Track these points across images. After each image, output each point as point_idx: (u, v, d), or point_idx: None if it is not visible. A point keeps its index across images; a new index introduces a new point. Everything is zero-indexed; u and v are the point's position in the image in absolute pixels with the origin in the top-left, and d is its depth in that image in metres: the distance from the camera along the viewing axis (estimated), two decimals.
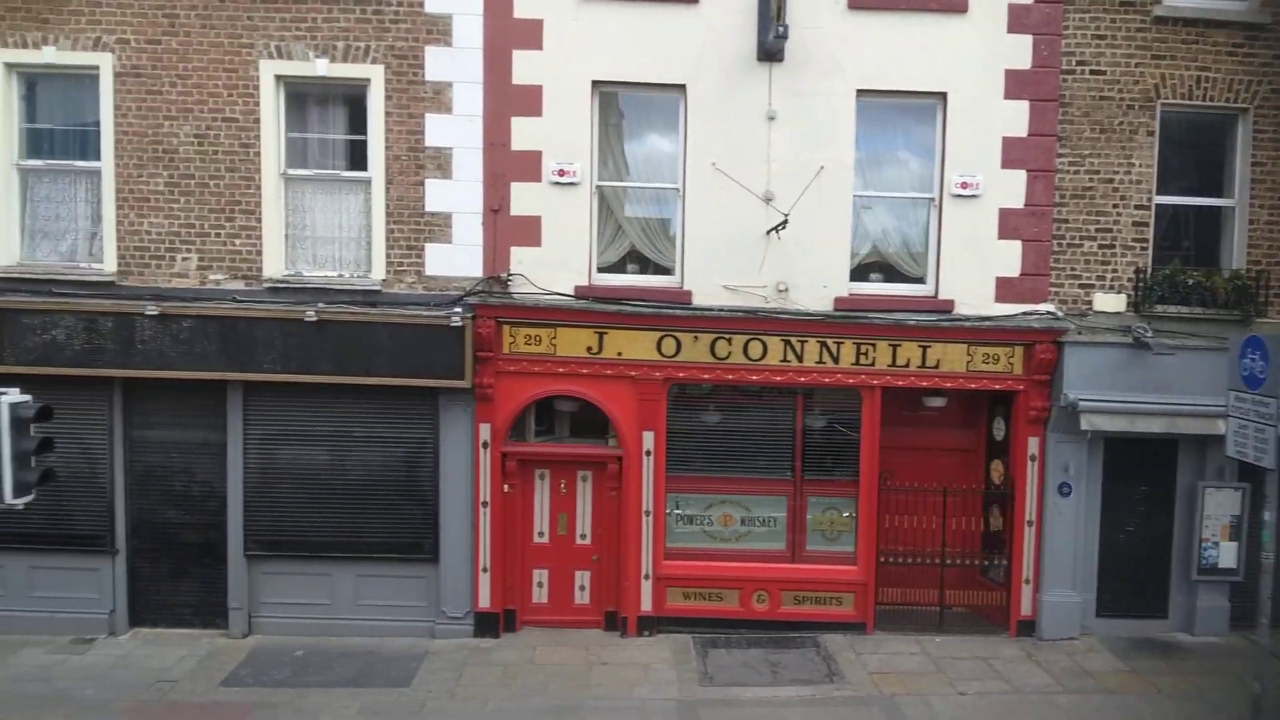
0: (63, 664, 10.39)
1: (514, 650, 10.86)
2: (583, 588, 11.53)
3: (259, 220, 10.80)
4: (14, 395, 7.21)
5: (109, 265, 10.76)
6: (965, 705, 9.63)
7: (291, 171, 10.88)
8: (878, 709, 9.48)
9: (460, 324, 10.53)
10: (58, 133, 10.93)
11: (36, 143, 10.89)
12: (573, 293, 10.89)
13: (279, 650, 10.77)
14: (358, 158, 11.00)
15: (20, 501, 7.26)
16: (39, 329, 10.45)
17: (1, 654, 10.48)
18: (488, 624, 11.14)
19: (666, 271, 11.26)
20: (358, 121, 11.00)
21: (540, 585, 11.52)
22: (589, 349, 10.94)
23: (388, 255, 10.87)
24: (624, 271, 11.25)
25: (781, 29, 10.04)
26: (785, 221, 10.26)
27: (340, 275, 10.96)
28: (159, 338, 10.50)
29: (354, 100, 10.97)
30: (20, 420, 7.20)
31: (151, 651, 10.73)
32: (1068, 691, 9.99)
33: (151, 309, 10.39)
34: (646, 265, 11.32)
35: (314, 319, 10.44)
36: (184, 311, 10.50)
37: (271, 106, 10.69)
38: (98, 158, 10.79)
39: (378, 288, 10.84)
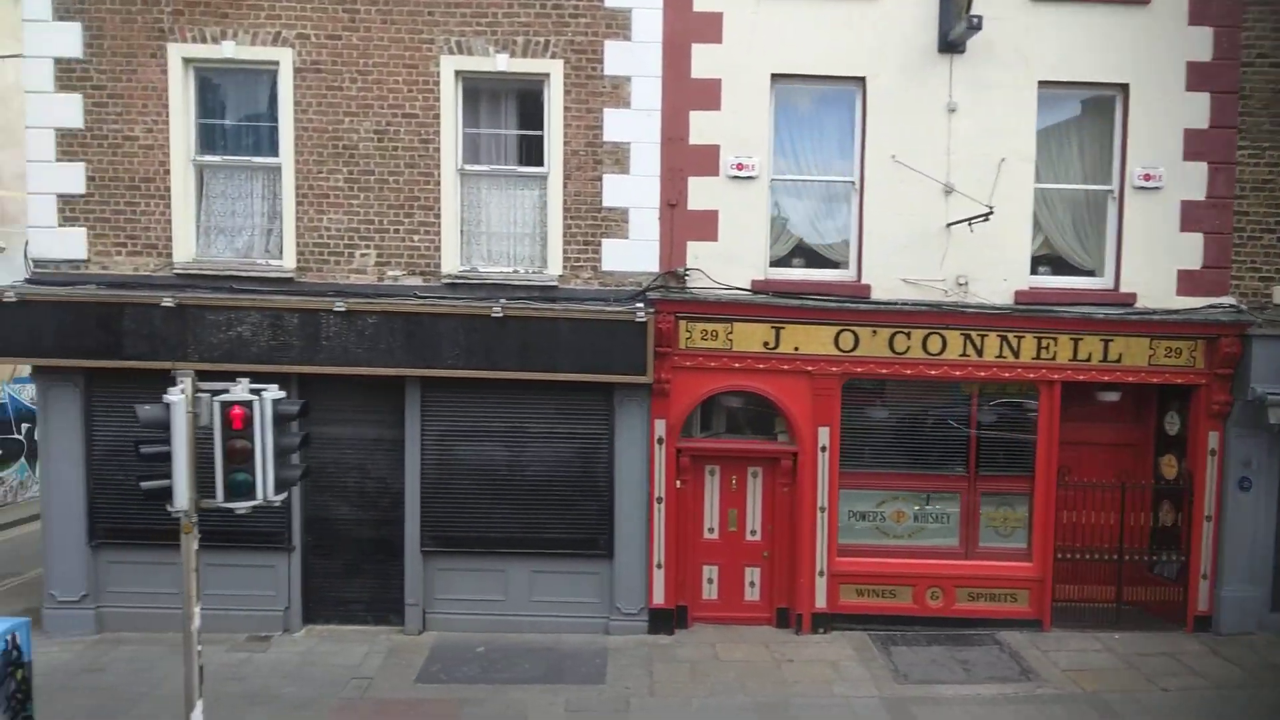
0: (248, 662, 10.40)
1: (693, 647, 10.81)
2: (752, 584, 11.48)
3: (437, 216, 10.76)
4: (274, 392, 7.17)
5: (288, 261, 10.75)
6: (1171, 702, 9.54)
7: (468, 167, 10.84)
8: (1087, 706, 9.40)
9: (645, 319, 10.46)
10: (232, 128, 10.92)
11: (210, 138, 10.88)
12: (749, 287, 10.82)
13: (459, 647, 10.75)
14: (531, 153, 10.96)
15: (279, 498, 7.22)
16: (224, 325, 10.44)
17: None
18: (662, 620, 11.10)
19: (834, 265, 11.19)
20: (530, 117, 10.96)
21: (710, 581, 11.47)
22: (765, 344, 10.88)
23: (564, 251, 10.83)
24: (790, 266, 11.19)
25: (975, 19, 9.93)
26: (989, 213, 10.15)
27: (515, 271, 10.92)
28: (344, 334, 10.47)
29: (527, 95, 10.93)
30: (281, 416, 7.17)
31: (333, 648, 10.72)
32: (1262, 685, 9.90)
33: (340, 305, 10.36)
34: (812, 259, 11.25)
35: (500, 314, 10.40)
36: (369, 308, 10.47)
37: (451, 102, 10.65)
38: (275, 154, 10.77)
39: (554, 283, 10.80)
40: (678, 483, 11.06)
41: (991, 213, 10.21)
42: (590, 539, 11.14)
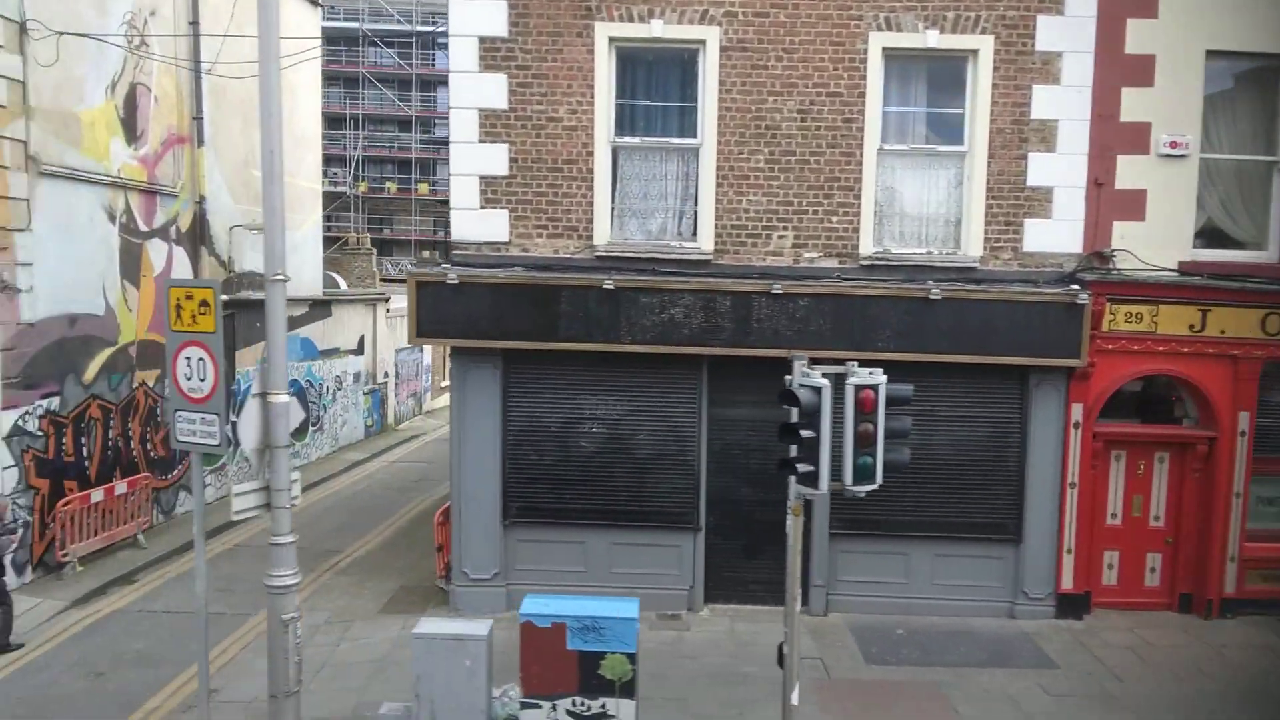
0: (680, 640, 10.47)
1: (1113, 632, 10.74)
2: (1153, 569, 11.36)
3: (857, 197, 10.64)
4: (880, 376, 7.11)
5: (705, 243, 10.68)
6: None
7: (887, 146, 10.68)
8: None
9: (1084, 302, 10.29)
10: (649, 108, 10.82)
11: (625, 119, 10.80)
12: (1176, 268, 10.60)
13: (877, 629, 10.76)
14: (945, 130, 10.77)
15: (873, 486, 7.17)
16: (657, 308, 10.41)
17: None
18: (1069, 605, 11.02)
19: (1241, 246, 10.94)
20: (944, 94, 10.76)
21: (1110, 567, 11.37)
22: (1191, 326, 10.67)
23: (985, 231, 10.66)
24: (1206, 247, 10.92)
25: None
26: None
27: (930, 252, 10.78)
28: (775, 316, 10.41)
29: (944, 72, 10.71)
30: (893, 400, 7.11)
31: (749, 628, 10.78)
32: None
33: (777, 288, 10.29)
34: (1219, 241, 10.99)
35: (939, 296, 10.28)
36: (802, 290, 10.38)
37: (877, 80, 10.48)
38: (693, 134, 10.68)
39: (974, 265, 10.65)
40: (1091, 467, 10.93)
41: None
42: (998, 523, 11.06)
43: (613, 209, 10.83)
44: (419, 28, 49.17)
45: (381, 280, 33.00)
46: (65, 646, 10.64)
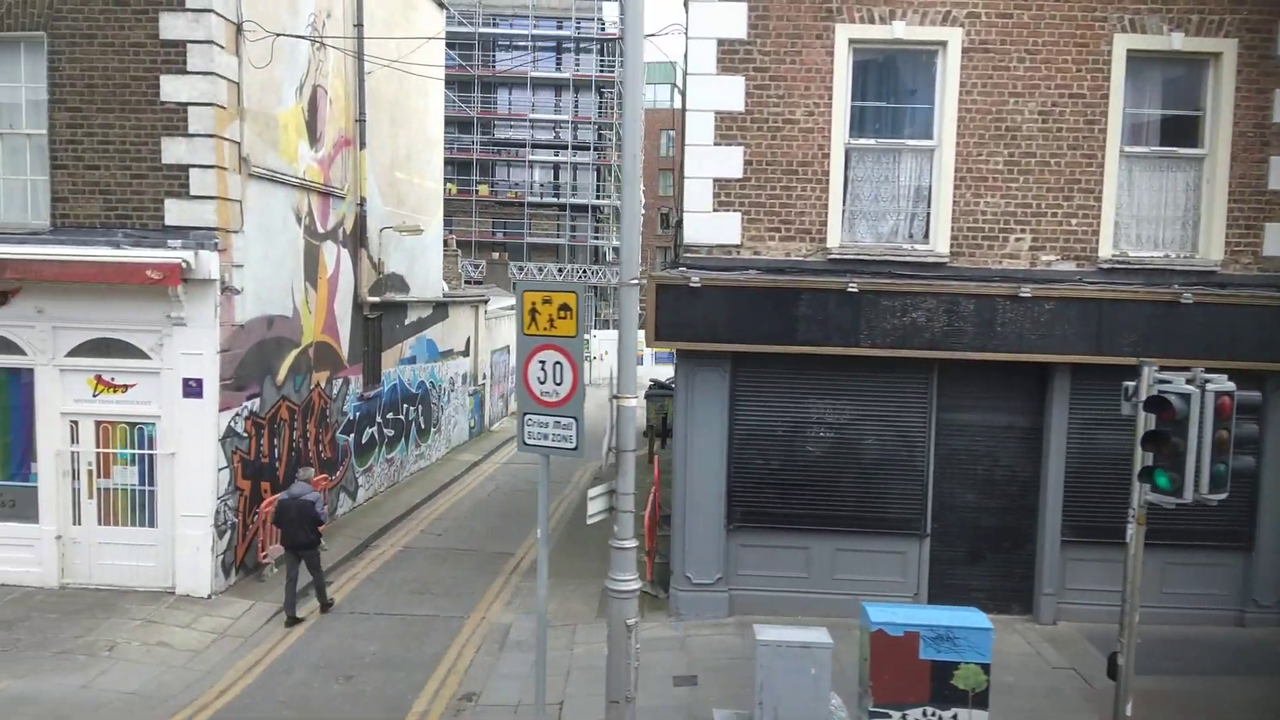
0: None
1: None
2: None
3: (1097, 199, 10.52)
4: (1230, 384, 7.01)
5: (939, 245, 10.59)
6: None
7: (1128, 149, 10.56)
8: None
9: None
10: (882, 110, 10.74)
11: (855, 121, 10.71)
12: None
13: (1113, 638, 10.59)
14: (1183, 133, 10.64)
15: (1224, 495, 7.07)
16: (898, 311, 10.33)
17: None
18: None
19: None
20: (1184, 96, 10.64)
21: None
22: None
23: (1226, 235, 10.53)
24: None
25: None
26: None
27: (1166, 255, 10.66)
28: (1018, 320, 10.30)
29: (1184, 75, 10.59)
30: (1243, 406, 7.01)
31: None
32: None
33: (1025, 291, 10.17)
34: None
35: (1189, 301, 10.15)
36: (1048, 294, 10.27)
37: (1119, 81, 10.36)
38: (928, 136, 10.60)
39: (1214, 269, 10.52)
40: None
41: None
42: (1230, 530, 10.91)
43: (843, 211, 10.75)
44: (480, 29, 49.25)
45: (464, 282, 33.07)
46: (297, 650, 10.65)
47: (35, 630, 10.59)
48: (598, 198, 52.15)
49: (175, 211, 11.22)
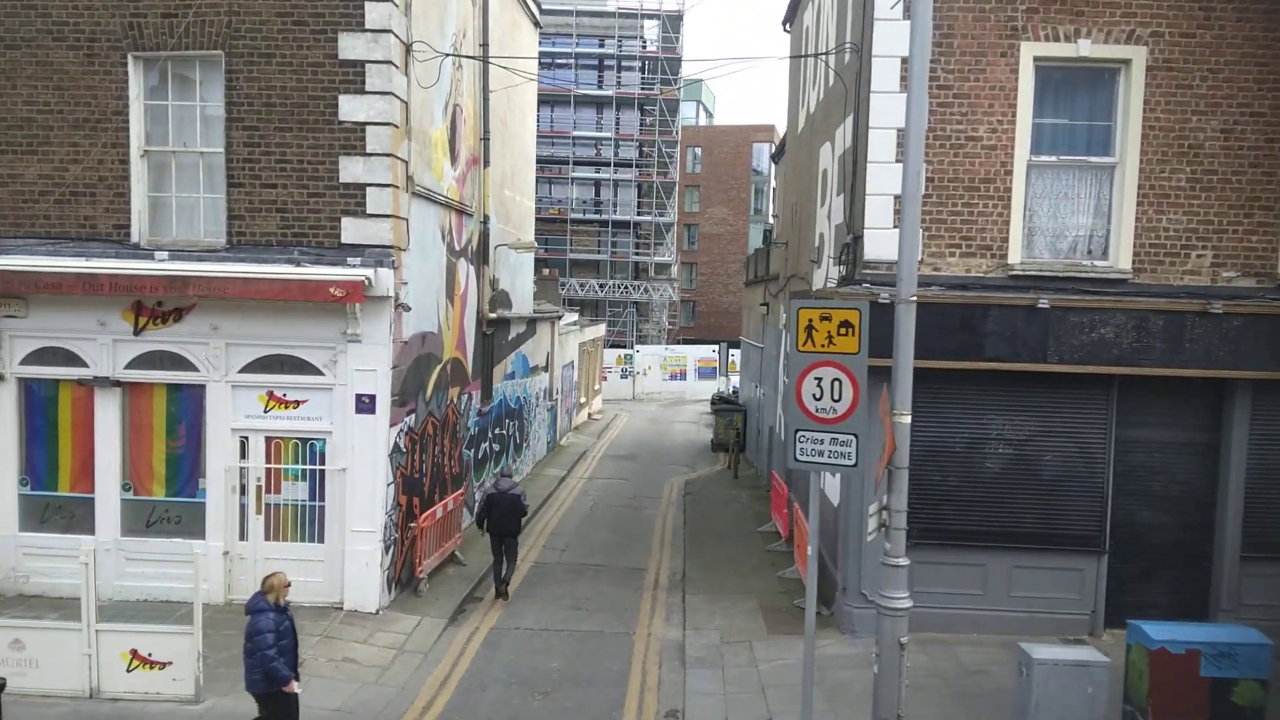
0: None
1: None
2: None
3: (1277, 217, 10.56)
4: None
5: (1121, 262, 10.62)
6: None
7: None
8: None
9: None
10: (1061, 127, 10.79)
11: (1034, 138, 10.78)
12: None
13: None
14: None
15: None
16: (1086, 327, 10.36)
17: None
18: None
19: None
20: None
21: None
22: None
23: None
24: None
25: None
26: None
27: None
28: (1207, 336, 10.31)
29: None
30: None
31: None
32: None
33: (1216, 307, 10.17)
34: None
35: None
36: (1237, 310, 10.26)
37: None
38: (1107, 152, 10.66)
39: None
40: None
41: None
42: None
43: (1024, 227, 10.80)
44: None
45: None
46: (480, 666, 10.65)
47: (217, 647, 10.57)
48: (638, 214, 52.38)
49: (351, 230, 11.31)
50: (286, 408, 11.59)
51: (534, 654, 10.98)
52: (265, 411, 11.59)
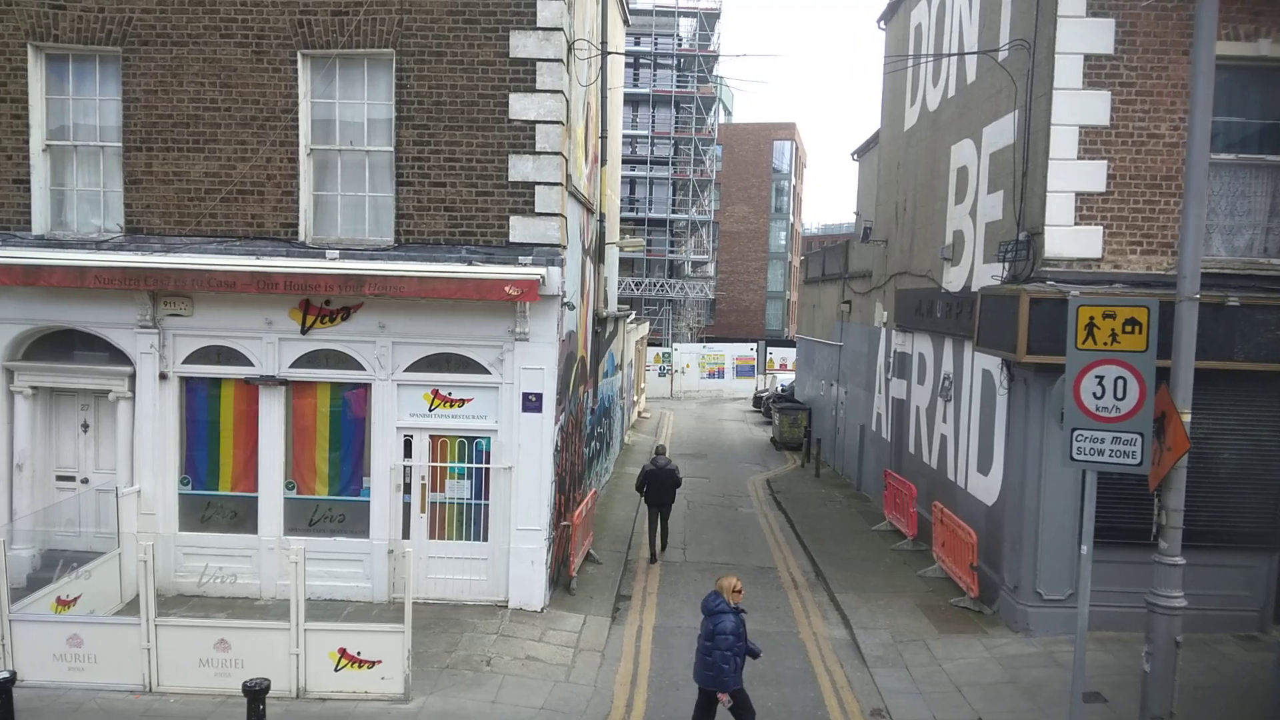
0: None
1: None
2: None
3: None
4: None
5: None
6: None
7: None
8: None
9: None
10: (1232, 125, 10.79)
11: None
12: None
13: None
14: None
15: None
16: (1274, 325, 10.36)
17: (1204, 648, 10.46)
18: None
19: None
20: None
21: None
22: None
23: None
24: None
25: None
26: None
27: None
28: None
29: None
30: None
31: None
32: None
33: None
34: None
35: None
36: None
37: None
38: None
39: None
40: None
41: None
42: None
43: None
44: None
45: None
46: (660, 665, 10.70)
47: None
48: (674, 211, 52.35)
49: (520, 228, 11.28)
50: (451, 406, 11.56)
51: None
52: (430, 410, 11.56)
